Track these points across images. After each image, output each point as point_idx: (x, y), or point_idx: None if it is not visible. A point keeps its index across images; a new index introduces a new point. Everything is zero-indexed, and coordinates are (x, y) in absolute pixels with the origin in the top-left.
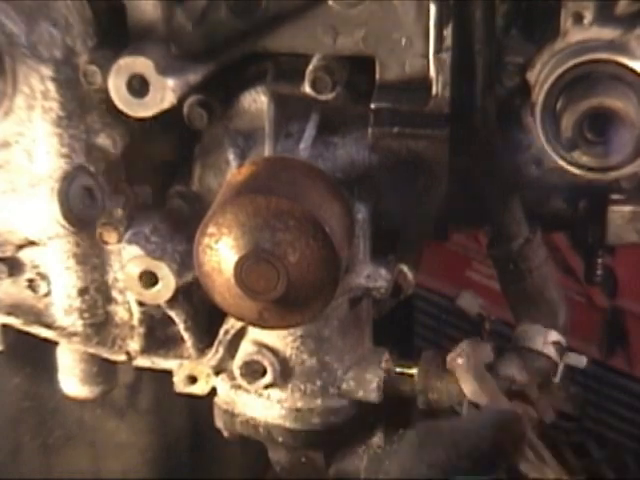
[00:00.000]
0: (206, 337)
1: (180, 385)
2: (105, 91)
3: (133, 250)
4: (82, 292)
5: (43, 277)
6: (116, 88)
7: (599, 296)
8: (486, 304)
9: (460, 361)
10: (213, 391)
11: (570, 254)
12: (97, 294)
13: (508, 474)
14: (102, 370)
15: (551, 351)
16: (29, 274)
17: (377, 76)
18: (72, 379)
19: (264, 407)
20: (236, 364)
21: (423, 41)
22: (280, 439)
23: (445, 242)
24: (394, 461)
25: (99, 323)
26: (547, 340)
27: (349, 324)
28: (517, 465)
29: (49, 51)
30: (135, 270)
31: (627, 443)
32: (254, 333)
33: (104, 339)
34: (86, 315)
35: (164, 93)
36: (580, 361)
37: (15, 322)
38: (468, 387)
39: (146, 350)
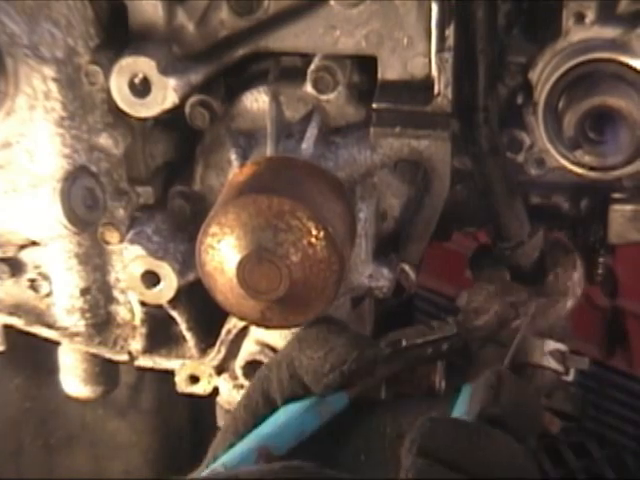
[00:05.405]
0: (208, 337)
1: (182, 385)
2: (107, 91)
3: (135, 250)
4: (84, 292)
5: (45, 277)
6: (118, 88)
7: (599, 296)
8: None
9: None
10: (215, 391)
11: None
12: (99, 294)
13: None
14: (104, 370)
15: (551, 362)
16: (31, 274)
17: (379, 76)
18: (74, 379)
19: None
20: (238, 364)
21: (425, 40)
22: None
23: (445, 242)
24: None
25: (101, 323)
26: (545, 351)
27: (351, 323)
28: None
29: (51, 51)
30: (137, 270)
31: (627, 443)
32: (256, 333)
33: (106, 339)
34: (88, 315)
35: (166, 93)
36: (583, 363)
37: (17, 322)
38: None
39: (148, 350)
